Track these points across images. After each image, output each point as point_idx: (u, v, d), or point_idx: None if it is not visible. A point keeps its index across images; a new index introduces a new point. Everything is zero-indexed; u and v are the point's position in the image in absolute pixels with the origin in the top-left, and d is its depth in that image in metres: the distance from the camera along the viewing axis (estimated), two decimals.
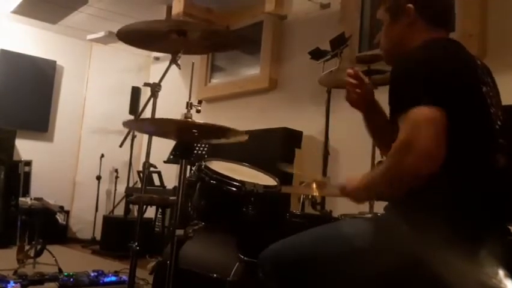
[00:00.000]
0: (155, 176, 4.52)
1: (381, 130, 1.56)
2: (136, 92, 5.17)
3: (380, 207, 1.40)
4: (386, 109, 1.35)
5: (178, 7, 4.40)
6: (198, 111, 1.75)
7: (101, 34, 5.21)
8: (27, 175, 4.92)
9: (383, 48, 1.50)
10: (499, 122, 1.28)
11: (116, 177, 5.46)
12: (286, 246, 1.41)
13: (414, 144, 1.11)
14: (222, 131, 1.69)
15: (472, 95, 1.24)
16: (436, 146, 1.11)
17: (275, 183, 2.05)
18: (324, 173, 3.18)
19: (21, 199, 3.74)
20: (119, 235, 4.46)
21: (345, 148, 3.50)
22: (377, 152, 2.58)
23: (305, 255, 1.35)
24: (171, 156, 4.13)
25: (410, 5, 1.39)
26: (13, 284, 2.53)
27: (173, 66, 1.96)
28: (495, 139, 1.27)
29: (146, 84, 2.08)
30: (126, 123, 1.69)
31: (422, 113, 1.13)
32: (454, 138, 1.15)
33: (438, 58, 1.25)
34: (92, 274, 2.92)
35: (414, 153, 1.10)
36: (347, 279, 1.28)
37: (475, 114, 1.23)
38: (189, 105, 1.73)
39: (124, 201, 5.11)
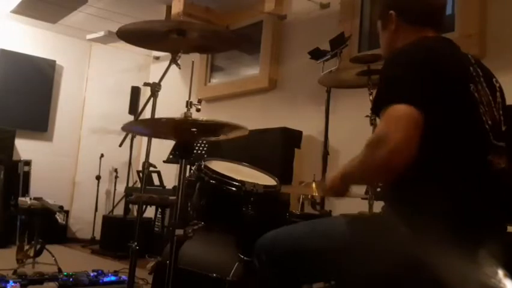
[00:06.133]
0: (154, 176, 4.52)
1: None
2: (135, 92, 5.16)
3: (379, 207, 1.40)
4: None
5: (177, 7, 4.40)
6: (198, 110, 1.75)
7: (100, 34, 5.21)
8: (27, 175, 4.91)
9: (382, 55, 1.58)
10: (489, 122, 1.27)
11: (116, 177, 5.45)
12: (282, 235, 1.43)
13: (386, 139, 1.13)
14: (221, 127, 1.69)
15: (455, 93, 1.23)
16: (406, 141, 1.12)
17: (275, 183, 2.05)
18: (324, 173, 3.17)
19: (20, 199, 3.72)
20: (118, 235, 4.45)
21: (345, 148, 3.50)
22: None
23: (300, 246, 1.37)
24: (171, 156, 4.12)
25: (391, 12, 1.44)
26: (12, 284, 2.53)
27: (173, 66, 1.96)
28: (485, 138, 1.25)
29: (146, 84, 2.08)
30: (125, 127, 1.68)
31: (397, 110, 1.15)
32: (442, 138, 1.17)
33: (417, 58, 1.25)
34: (91, 274, 2.91)
35: (385, 147, 1.13)
36: (341, 273, 1.31)
37: (459, 114, 1.22)
38: (189, 104, 1.73)
39: (123, 201, 5.11)
